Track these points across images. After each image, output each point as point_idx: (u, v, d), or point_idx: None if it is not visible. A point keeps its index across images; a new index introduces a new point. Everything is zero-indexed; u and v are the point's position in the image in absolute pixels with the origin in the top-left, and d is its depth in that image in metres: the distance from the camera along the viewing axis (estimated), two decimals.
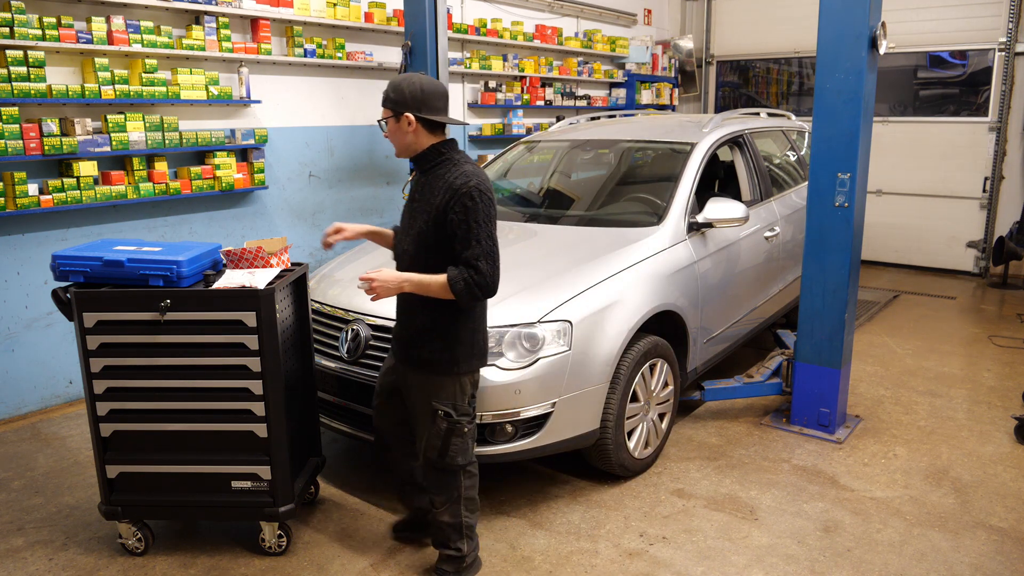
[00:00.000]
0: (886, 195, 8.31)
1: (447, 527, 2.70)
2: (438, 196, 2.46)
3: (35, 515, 3.31)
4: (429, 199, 2.49)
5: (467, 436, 2.63)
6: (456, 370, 2.58)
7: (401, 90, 2.45)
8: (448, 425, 2.58)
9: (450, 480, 2.66)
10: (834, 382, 3.99)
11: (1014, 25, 7.38)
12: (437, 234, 2.46)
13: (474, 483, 2.72)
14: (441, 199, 2.45)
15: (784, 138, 5.68)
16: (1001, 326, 6.04)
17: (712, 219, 3.94)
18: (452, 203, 2.42)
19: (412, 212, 2.57)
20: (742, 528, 3.18)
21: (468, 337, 2.58)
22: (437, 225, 2.46)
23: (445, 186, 2.45)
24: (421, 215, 2.51)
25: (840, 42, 3.68)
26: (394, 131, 2.50)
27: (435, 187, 2.48)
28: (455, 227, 2.42)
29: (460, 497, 2.68)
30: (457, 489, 2.67)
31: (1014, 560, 2.94)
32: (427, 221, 2.48)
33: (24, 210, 4.10)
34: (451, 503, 2.68)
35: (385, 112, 2.51)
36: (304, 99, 5.71)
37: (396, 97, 2.46)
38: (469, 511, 2.72)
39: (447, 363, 2.57)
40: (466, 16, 7.06)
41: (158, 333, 2.73)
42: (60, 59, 4.34)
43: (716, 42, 9.69)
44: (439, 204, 2.45)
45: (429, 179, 2.54)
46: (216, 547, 3.04)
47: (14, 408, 4.38)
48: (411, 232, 2.55)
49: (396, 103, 2.47)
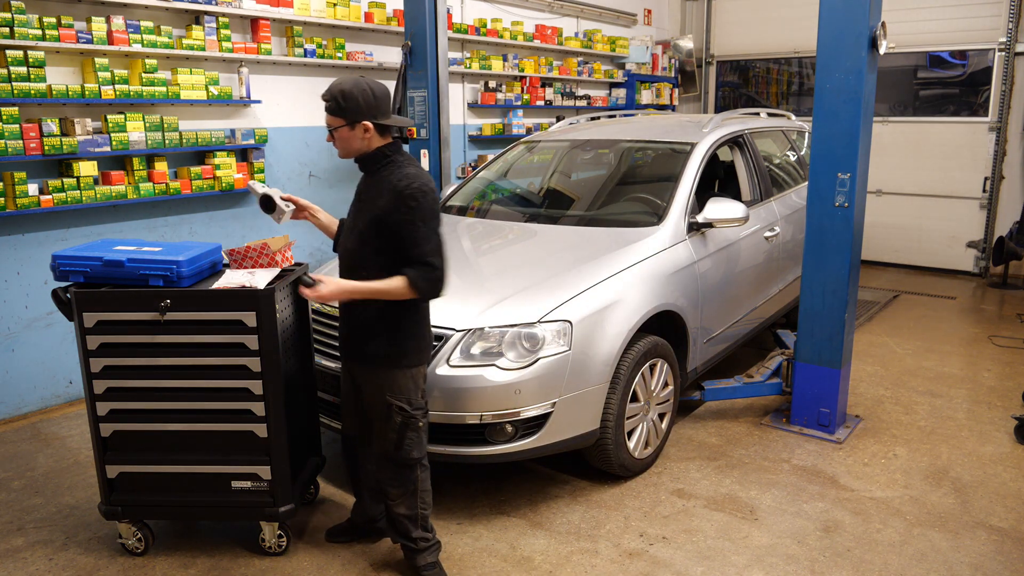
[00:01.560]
0: (886, 195, 8.31)
1: (405, 519, 2.76)
2: (382, 198, 2.50)
3: (35, 515, 3.31)
4: (374, 200, 2.53)
5: (421, 430, 2.69)
6: (406, 363, 2.62)
7: (355, 98, 2.45)
8: (403, 419, 2.63)
9: (406, 474, 2.71)
10: (834, 382, 3.99)
11: (1014, 25, 7.39)
12: (379, 234, 2.51)
13: (427, 476, 2.79)
14: (385, 201, 2.49)
15: (784, 138, 5.68)
16: (1001, 326, 6.04)
17: (712, 219, 3.95)
18: (397, 205, 2.46)
19: (357, 211, 2.61)
20: (742, 528, 3.18)
21: (416, 330, 2.63)
22: (379, 225, 2.50)
23: (388, 188, 2.49)
24: (364, 215, 2.55)
25: (840, 42, 3.68)
26: (346, 138, 2.51)
27: (380, 188, 2.53)
28: (402, 228, 2.47)
29: (416, 490, 2.74)
30: (413, 483, 2.73)
31: (1014, 560, 2.94)
32: (369, 222, 2.52)
33: (24, 210, 4.10)
34: (407, 496, 2.74)
35: (335, 120, 2.50)
36: (304, 99, 5.71)
37: (350, 106, 2.46)
38: (424, 503, 2.78)
39: (397, 356, 2.61)
40: (466, 16, 7.06)
41: (158, 333, 2.73)
42: (60, 59, 4.34)
43: (716, 42, 9.69)
44: (383, 206, 2.49)
45: (375, 180, 2.57)
46: (216, 547, 3.04)
47: (14, 408, 4.38)
48: (355, 231, 2.59)
49: (350, 112, 2.47)
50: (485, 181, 4.91)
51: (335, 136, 2.52)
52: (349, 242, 2.63)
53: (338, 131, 2.50)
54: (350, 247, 2.61)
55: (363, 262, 2.56)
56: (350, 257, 2.62)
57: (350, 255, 2.62)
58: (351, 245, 2.61)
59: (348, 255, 2.63)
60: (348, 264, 2.63)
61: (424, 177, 2.53)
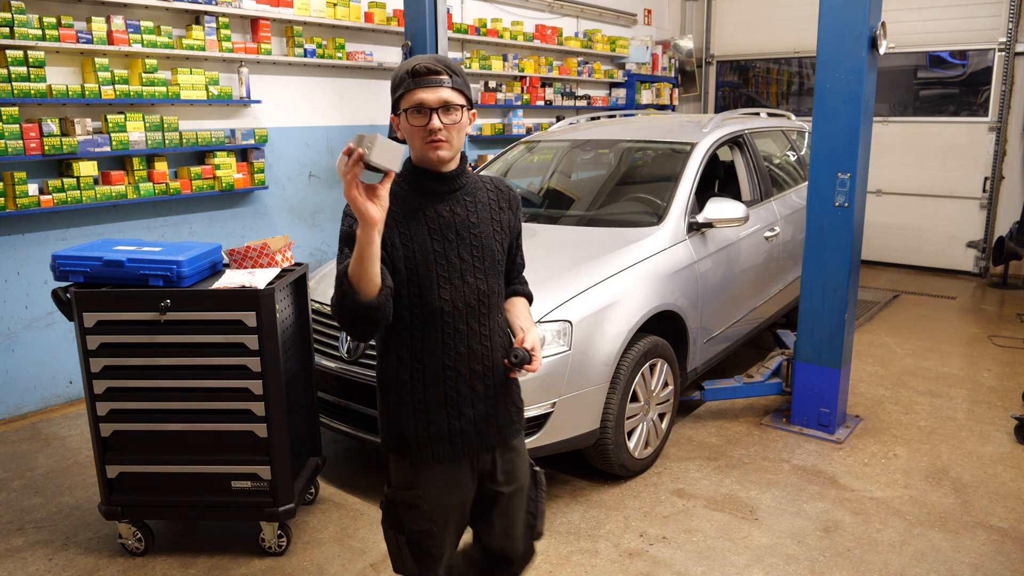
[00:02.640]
0: (886, 195, 8.31)
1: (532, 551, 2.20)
2: (501, 211, 1.95)
3: (35, 515, 3.31)
4: (490, 216, 1.92)
5: None
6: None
7: (463, 74, 1.83)
8: (539, 478, 2.14)
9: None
10: (834, 382, 3.99)
11: (1014, 25, 7.38)
12: (505, 256, 1.98)
13: None
14: (508, 214, 1.97)
15: (784, 138, 5.68)
16: (1001, 326, 6.04)
17: (712, 219, 3.95)
18: (517, 213, 2.01)
19: (461, 241, 1.85)
20: (742, 528, 3.18)
21: None
22: (508, 245, 1.99)
23: (496, 195, 1.96)
24: (485, 239, 1.89)
25: (840, 42, 3.68)
26: (461, 127, 1.81)
27: (480, 200, 1.91)
28: (519, 236, 2.05)
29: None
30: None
31: (1014, 560, 2.94)
32: (501, 243, 1.94)
33: (24, 210, 4.10)
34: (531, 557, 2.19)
35: (455, 97, 1.77)
36: (304, 99, 5.71)
37: (465, 82, 1.82)
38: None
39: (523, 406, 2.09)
40: (466, 16, 7.05)
41: (158, 333, 2.74)
42: (60, 59, 4.34)
43: (716, 42, 9.69)
44: (510, 220, 1.97)
45: (461, 194, 1.88)
46: (216, 547, 3.04)
47: (14, 408, 4.38)
48: (477, 264, 1.87)
49: (469, 89, 1.84)
50: None
51: (445, 124, 1.76)
52: (469, 283, 1.85)
53: (451, 115, 1.76)
54: (481, 288, 1.87)
55: (496, 300, 1.93)
56: (478, 299, 1.87)
57: (479, 297, 1.87)
58: (477, 285, 1.86)
59: (475, 297, 1.86)
60: (474, 314, 1.87)
61: None
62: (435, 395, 1.87)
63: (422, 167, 1.83)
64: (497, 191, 1.98)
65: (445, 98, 1.75)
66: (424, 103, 1.73)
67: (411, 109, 1.75)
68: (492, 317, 1.92)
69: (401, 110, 1.78)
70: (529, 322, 1.99)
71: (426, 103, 1.73)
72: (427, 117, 1.74)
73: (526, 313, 2.04)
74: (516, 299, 2.08)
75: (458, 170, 1.86)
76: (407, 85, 1.76)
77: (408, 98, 1.75)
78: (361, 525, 3.21)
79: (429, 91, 1.74)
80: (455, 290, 1.83)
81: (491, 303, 1.91)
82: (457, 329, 1.85)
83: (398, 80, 1.79)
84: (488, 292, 1.90)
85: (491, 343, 1.91)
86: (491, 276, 1.90)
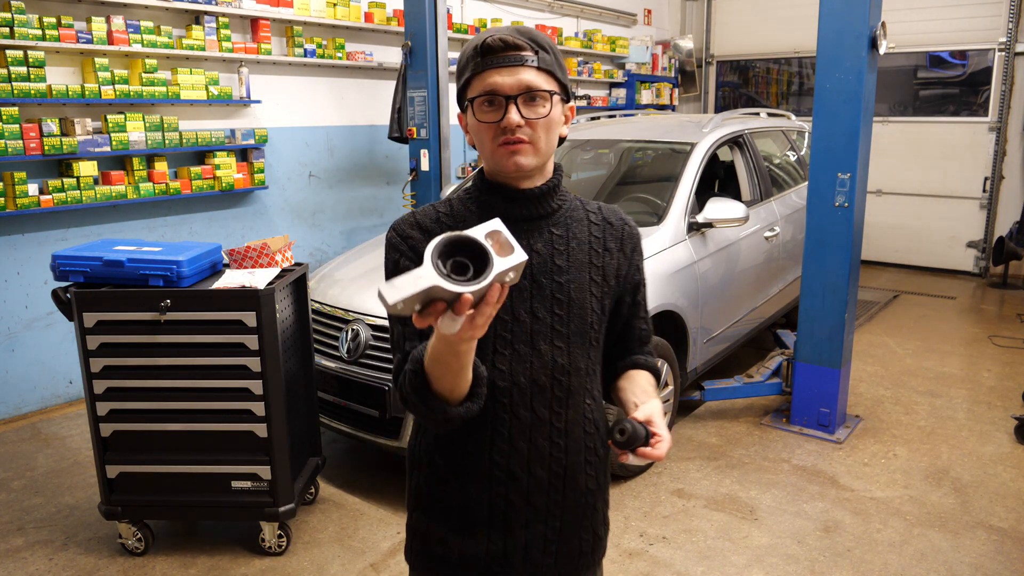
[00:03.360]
0: (886, 195, 8.31)
1: None
2: (608, 253, 1.39)
3: (35, 515, 3.31)
4: (588, 259, 1.36)
5: None
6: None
7: (556, 51, 1.32)
8: None
9: None
10: (834, 382, 3.99)
11: (1014, 25, 7.38)
12: (607, 313, 1.41)
13: None
14: (617, 258, 1.40)
15: (784, 138, 5.68)
16: (1001, 326, 6.04)
17: (712, 219, 3.95)
18: (632, 255, 1.43)
19: (534, 287, 1.32)
20: (742, 528, 3.18)
21: None
22: (614, 296, 1.41)
23: (603, 230, 1.40)
24: (575, 291, 1.33)
25: (840, 42, 3.68)
26: (550, 127, 1.29)
27: (576, 234, 1.37)
28: (638, 291, 1.46)
29: None
30: None
31: (1014, 560, 2.94)
32: (600, 299, 1.37)
33: (24, 210, 4.10)
34: None
35: (543, 80, 1.27)
36: (304, 99, 5.71)
37: (559, 62, 1.31)
38: None
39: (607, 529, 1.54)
40: (466, 16, 7.05)
41: (158, 333, 2.74)
42: (60, 59, 4.34)
43: (716, 42, 9.69)
44: (616, 266, 1.40)
45: (553, 221, 1.36)
46: (216, 547, 3.04)
47: (14, 408, 4.38)
48: (558, 326, 1.32)
49: (565, 72, 1.32)
50: None
51: (528, 118, 1.25)
52: (542, 355, 1.32)
53: (537, 106, 1.26)
54: (559, 361, 1.33)
55: (580, 381, 1.36)
56: (552, 375, 1.33)
57: (554, 373, 1.33)
58: (559, 359, 1.33)
59: (548, 373, 1.32)
60: (548, 394, 1.33)
61: None
62: (476, 502, 1.34)
63: (495, 181, 1.33)
64: (605, 224, 1.41)
65: (527, 82, 1.24)
66: (497, 89, 1.24)
67: (480, 99, 1.26)
68: (572, 404, 1.35)
69: (467, 101, 1.28)
70: (650, 397, 1.38)
71: (500, 89, 1.24)
72: (502, 109, 1.24)
73: (649, 391, 1.42)
74: (636, 373, 1.46)
75: (546, 187, 1.33)
76: (475, 66, 1.26)
77: (476, 83, 1.26)
78: (361, 525, 3.21)
79: (505, 72, 1.24)
80: (519, 360, 1.30)
81: (572, 384, 1.34)
82: (516, 415, 1.31)
83: (464, 60, 1.29)
84: (569, 368, 1.33)
85: (565, 441, 1.34)
86: (576, 345, 1.33)
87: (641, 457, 1.23)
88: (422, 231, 1.34)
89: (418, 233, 1.34)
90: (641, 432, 1.23)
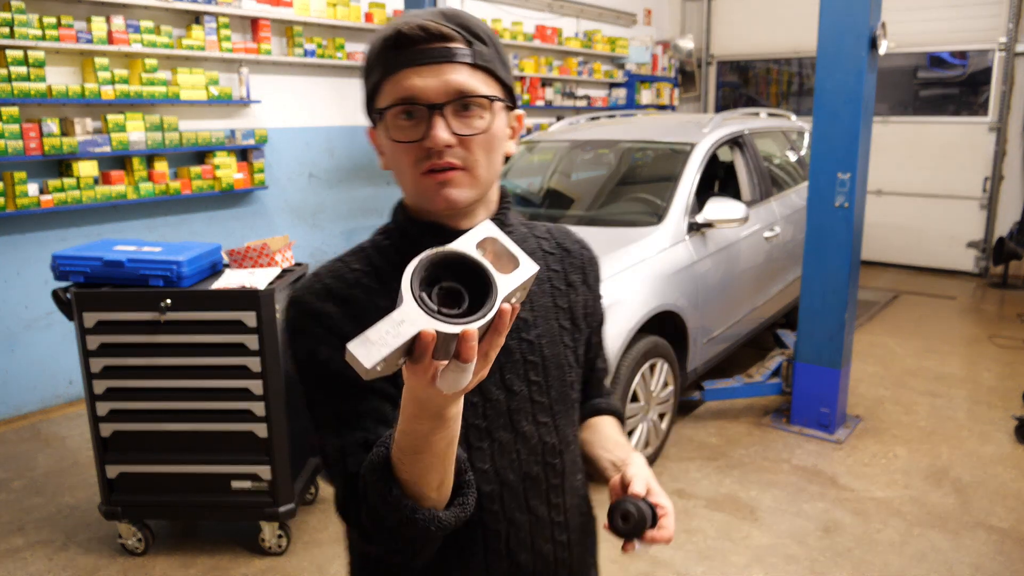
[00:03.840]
0: (886, 195, 8.31)
1: None
2: (572, 289, 1.15)
3: (35, 515, 3.31)
4: (552, 302, 1.12)
5: None
6: None
7: (496, 42, 1.02)
8: None
9: None
10: (834, 382, 3.99)
11: (1014, 25, 7.38)
12: (582, 370, 1.20)
13: None
14: (582, 293, 1.17)
15: (784, 138, 5.68)
16: (1001, 326, 6.04)
17: (712, 219, 3.95)
18: (595, 285, 1.21)
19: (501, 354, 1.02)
20: (742, 528, 3.17)
21: None
22: (584, 353, 1.19)
23: (561, 260, 1.16)
24: (548, 347, 1.09)
25: (840, 42, 3.67)
26: (490, 145, 0.99)
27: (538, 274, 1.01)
28: (600, 327, 1.26)
29: None
30: None
31: (1014, 560, 2.94)
32: (575, 350, 1.14)
33: (24, 210, 4.10)
34: None
35: (480, 82, 0.97)
36: (304, 99, 5.71)
37: (500, 56, 1.02)
38: None
39: None
40: None
41: (158, 333, 2.74)
42: (60, 59, 4.34)
43: (716, 42, 9.69)
44: (583, 304, 1.17)
45: None
46: (216, 547, 3.04)
47: (14, 408, 4.38)
48: (537, 397, 1.07)
49: (508, 69, 1.03)
50: None
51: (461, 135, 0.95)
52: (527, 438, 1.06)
53: (472, 118, 0.96)
54: (548, 442, 1.08)
55: (572, 460, 1.14)
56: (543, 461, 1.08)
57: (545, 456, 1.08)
58: (547, 438, 1.08)
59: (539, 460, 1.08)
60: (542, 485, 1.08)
61: None
62: None
63: (423, 220, 1.01)
64: (562, 252, 1.15)
65: (459, 84, 0.93)
66: (418, 95, 0.92)
67: (395, 109, 0.95)
68: (568, 488, 1.11)
69: (376, 112, 0.98)
70: (627, 451, 1.16)
71: (421, 95, 0.92)
72: (424, 123, 0.93)
73: (622, 442, 1.19)
74: (599, 421, 1.23)
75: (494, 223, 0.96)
76: (386, 64, 0.95)
77: (389, 88, 0.95)
78: None
79: (428, 72, 0.92)
80: (502, 453, 1.02)
81: (565, 465, 1.10)
82: (512, 522, 1.03)
83: (372, 57, 0.98)
84: (560, 446, 1.08)
85: (568, 535, 1.11)
86: (561, 415, 1.09)
87: (649, 543, 1.04)
88: (338, 302, 0.97)
89: (333, 306, 0.97)
90: (647, 512, 1.01)
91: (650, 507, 1.02)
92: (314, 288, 0.99)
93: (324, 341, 0.96)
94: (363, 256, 1.04)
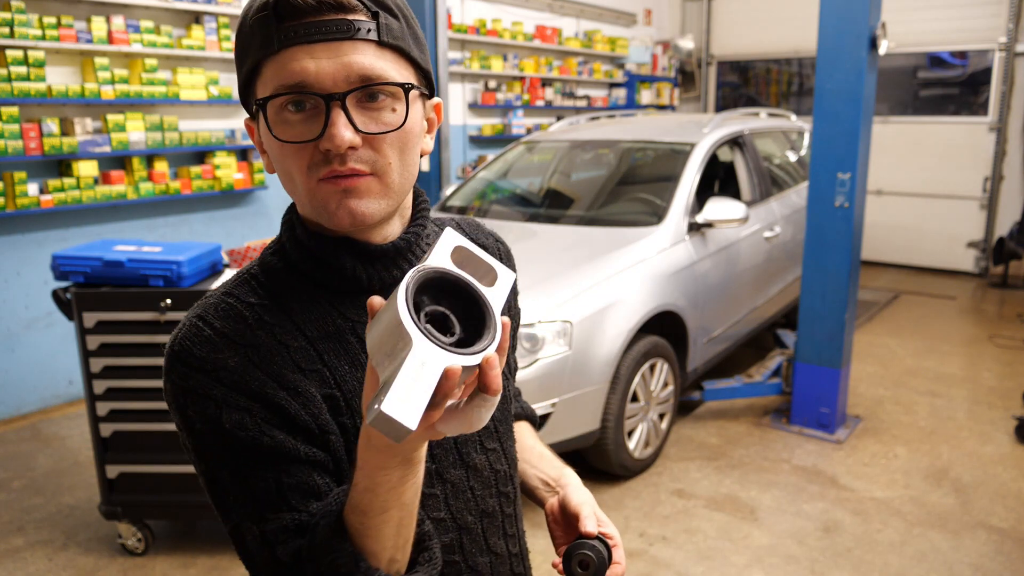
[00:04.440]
0: (886, 195, 8.31)
1: None
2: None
3: (35, 515, 3.31)
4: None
5: None
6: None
7: (407, 12, 0.81)
8: None
9: None
10: (834, 382, 3.99)
11: (1014, 25, 7.38)
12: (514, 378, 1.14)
13: None
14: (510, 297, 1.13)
15: (784, 138, 5.68)
16: (1001, 326, 6.04)
17: (712, 219, 3.95)
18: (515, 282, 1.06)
19: None
20: (742, 528, 3.18)
21: None
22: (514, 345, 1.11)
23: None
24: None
25: (840, 42, 3.68)
26: (404, 144, 0.79)
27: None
28: (519, 326, 1.17)
29: None
30: None
31: (1014, 560, 2.94)
32: (509, 364, 1.09)
33: (24, 210, 4.10)
34: None
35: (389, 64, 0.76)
36: None
37: (412, 30, 0.81)
38: None
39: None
40: (466, 16, 7.05)
41: (158, 333, 2.73)
42: (60, 59, 4.34)
43: (716, 42, 9.69)
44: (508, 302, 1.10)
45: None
46: (216, 547, 3.04)
47: (14, 408, 4.38)
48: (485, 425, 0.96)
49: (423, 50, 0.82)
50: (485, 181, 4.91)
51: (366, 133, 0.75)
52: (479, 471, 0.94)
53: (381, 110, 0.76)
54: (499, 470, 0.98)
55: (513, 444, 1.05)
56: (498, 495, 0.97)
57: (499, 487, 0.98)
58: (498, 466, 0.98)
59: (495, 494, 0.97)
60: (499, 521, 0.97)
61: None
62: None
63: (327, 234, 0.85)
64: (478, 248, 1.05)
65: (363, 68, 0.74)
66: (309, 82, 0.74)
67: (280, 99, 0.75)
68: (519, 512, 1.03)
69: (256, 103, 0.77)
70: (557, 466, 1.11)
71: (315, 82, 0.74)
72: (321, 117, 0.75)
73: (546, 454, 1.15)
74: (518, 428, 1.13)
75: (410, 235, 0.86)
76: (266, 39, 0.75)
77: (270, 71, 0.75)
78: None
79: (323, 52, 0.74)
80: (456, 495, 0.90)
81: (517, 492, 1.02)
82: (473, 568, 0.93)
83: (247, 32, 0.77)
84: (510, 470, 0.99)
85: (524, 565, 1.04)
86: (506, 434, 1.00)
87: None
88: (238, 348, 0.78)
89: (232, 356, 0.77)
90: (604, 555, 0.95)
91: (606, 547, 0.97)
92: (203, 336, 0.78)
93: (228, 403, 0.75)
94: (255, 285, 0.84)
